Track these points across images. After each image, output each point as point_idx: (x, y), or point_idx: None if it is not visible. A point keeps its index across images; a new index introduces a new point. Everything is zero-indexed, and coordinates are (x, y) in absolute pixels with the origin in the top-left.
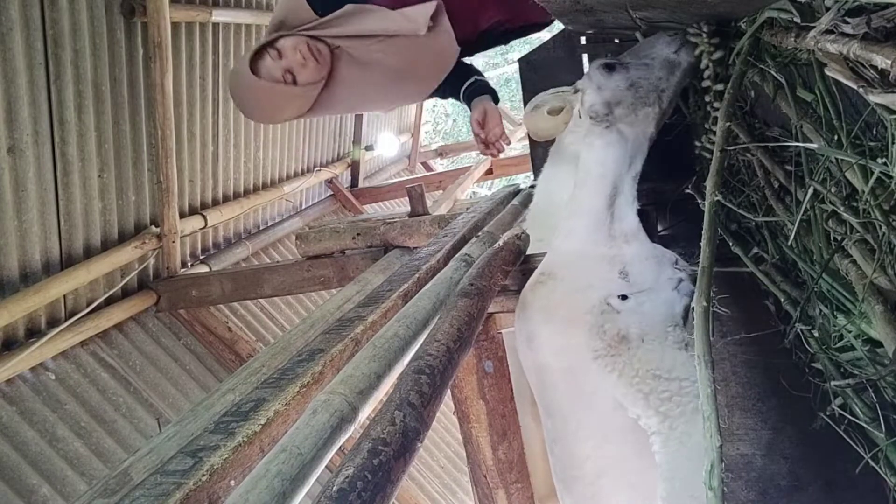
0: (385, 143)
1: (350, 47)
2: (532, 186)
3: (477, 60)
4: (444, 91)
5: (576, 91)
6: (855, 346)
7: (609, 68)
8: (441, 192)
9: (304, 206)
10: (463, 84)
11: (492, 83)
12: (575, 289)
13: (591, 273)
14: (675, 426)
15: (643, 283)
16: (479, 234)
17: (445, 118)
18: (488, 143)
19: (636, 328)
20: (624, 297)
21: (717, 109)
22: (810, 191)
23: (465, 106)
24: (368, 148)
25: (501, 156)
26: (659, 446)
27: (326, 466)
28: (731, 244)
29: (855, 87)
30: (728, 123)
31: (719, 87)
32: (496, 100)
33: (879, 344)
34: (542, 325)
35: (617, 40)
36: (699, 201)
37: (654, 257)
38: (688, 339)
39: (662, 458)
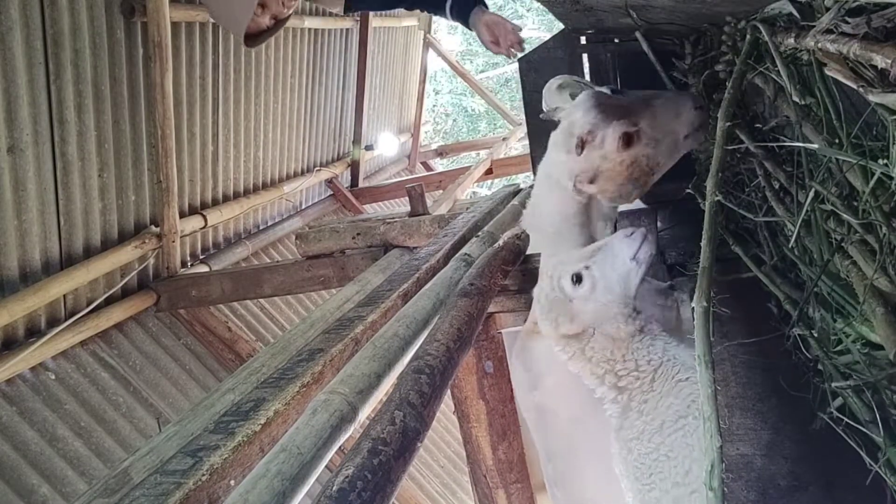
0: (385, 142)
1: None
2: (532, 187)
3: (478, 60)
4: (413, 3)
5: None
6: (852, 350)
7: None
8: (441, 192)
9: (304, 206)
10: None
11: (495, 81)
12: None
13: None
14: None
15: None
16: (479, 233)
17: (445, 118)
18: (508, 52)
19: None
20: (578, 280)
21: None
22: (811, 192)
23: (455, 22)
24: (368, 148)
25: (502, 154)
26: None
27: (326, 466)
28: (731, 244)
29: (855, 87)
30: (728, 123)
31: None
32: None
33: (877, 347)
34: (545, 373)
35: (616, 40)
36: (699, 201)
37: (654, 289)
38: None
39: None
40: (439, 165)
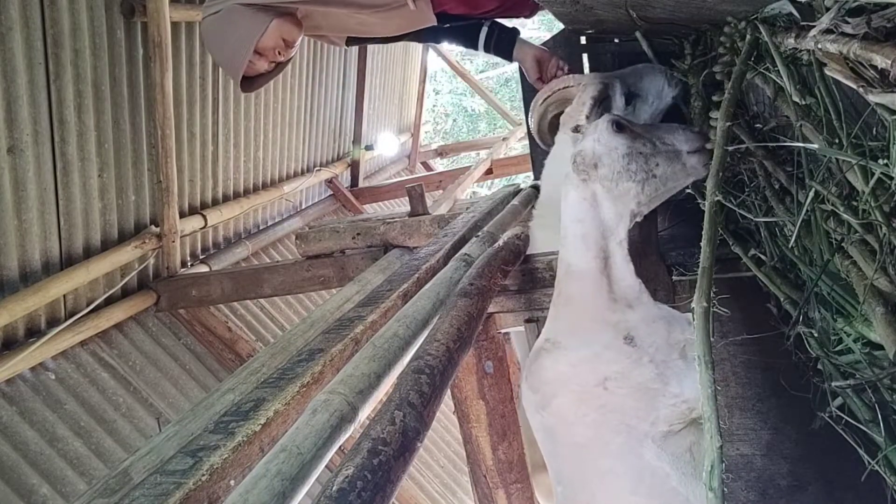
0: (385, 142)
1: (320, 12)
2: (532, 186)
3: (479, 61)
4: (439, 37)
5: (576, 130)
6: (853, 349)
7: (618, 127)
8: (441, 192)
9: (304, 206)
10: (476, 32)
11: (495, 81)
12: (580, 359)
13: (596, 341)
14: None
15: (651, 346)
16: (479, 233)
17: (445, 118)
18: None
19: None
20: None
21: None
22: (811, 192)
23: (487, 54)
24: (368, 148)
25: (502, 154)
26: None
27: (326, 466)
28: (731, 244)
29: (855, 87)
30: (728, 123)
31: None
32: (516, 34)
33: (878, 346)
34: (551, 396)
35: (616, 40)
36: (699, 201)
37: (662, 319)
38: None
39: None
40: (439, 165)
